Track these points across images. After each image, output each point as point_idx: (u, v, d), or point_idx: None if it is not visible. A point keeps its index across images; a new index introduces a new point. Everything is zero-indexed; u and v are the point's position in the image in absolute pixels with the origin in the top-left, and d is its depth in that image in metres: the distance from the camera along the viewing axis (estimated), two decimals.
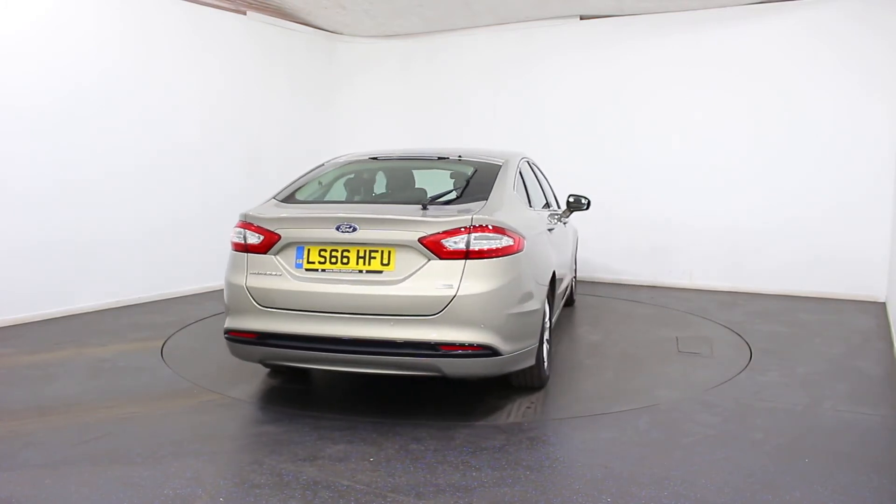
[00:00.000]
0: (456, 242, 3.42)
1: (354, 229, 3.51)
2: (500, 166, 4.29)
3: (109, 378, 4.43)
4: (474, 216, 3.49)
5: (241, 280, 3.72)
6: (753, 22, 7.49)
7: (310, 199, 4.20)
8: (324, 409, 3.85)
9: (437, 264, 3.42)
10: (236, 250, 3.81)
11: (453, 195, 3.92)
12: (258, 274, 3.68)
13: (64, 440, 3.37)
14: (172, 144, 7.07)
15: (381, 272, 3.49)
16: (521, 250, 3.63)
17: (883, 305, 6.91)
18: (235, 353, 3.85)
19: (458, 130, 8.98)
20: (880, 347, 5.27)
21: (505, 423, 3.62)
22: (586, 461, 3.16)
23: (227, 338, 3.80)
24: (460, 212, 3.57)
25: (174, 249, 7.10)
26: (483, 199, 3.79)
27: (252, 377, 4.47)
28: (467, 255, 3.42)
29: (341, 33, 9.18)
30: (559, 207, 5.97)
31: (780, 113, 7.45)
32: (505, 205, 3.85)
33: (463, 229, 3.44)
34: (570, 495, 2.80)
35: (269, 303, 3.61)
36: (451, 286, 3.39)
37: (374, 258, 3.51)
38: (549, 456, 3.20)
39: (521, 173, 4.55)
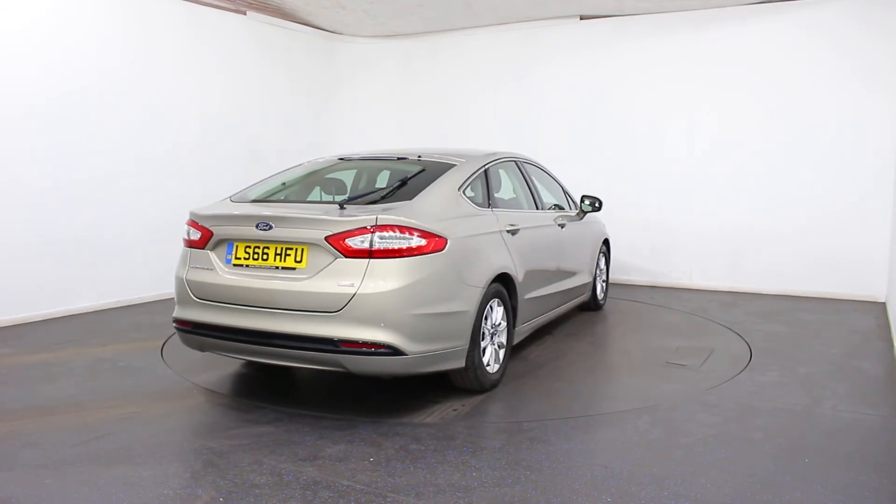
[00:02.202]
0: (360, 242, 3.51)
1: (270, 227, 3.69)
2: (454, 166, 4.35)
3: (109, 378, 4.43)
4: (379, 216, 3.56)
5: (182, 273, 4.00)
6: (754, 22, 7.49)
7: (257, 197, 4.33)
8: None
9: (343, 263, 3.53)
10: (184, 245, 4.10)
11: (376, 195, 4.00)
12: (196, 268, 3.94)
13: (64, 440, 3.37)
14: (173, 144, 7.07)
15: (294, 269, 3.64)
16: (438, 250, 3.65)
17: (883, 305, 6.91)
18: (182, 341, 4.10)
19: (458, 130, 8.98)
20: (880, 347, 5.27)
21: (416, 422, 3.65)
22: (586, 461, 3.16)
23: (174, 326, 4.07)
24: (372, 211, 3.64)
25: (174, 249, 7.02)
26: (408, 199, 3.86)
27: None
28: (371, 254, 3.50)
29: (341, 33, 9.18)
30: (572, 209, 5.94)
31: (781, 113, 7.45)
32: (435, 205, 3.91)
33: (366, 229, 3.52)
34: (570, 495, 2.80)
35: (202, 295, 3.86)
36: (352, 284, 3.48)
37: (289, 255, 3.67)
38: (549, 456, 3.20)
39: (487, 174, 4.57)
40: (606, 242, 6.78)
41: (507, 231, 4.44)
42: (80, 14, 6.17)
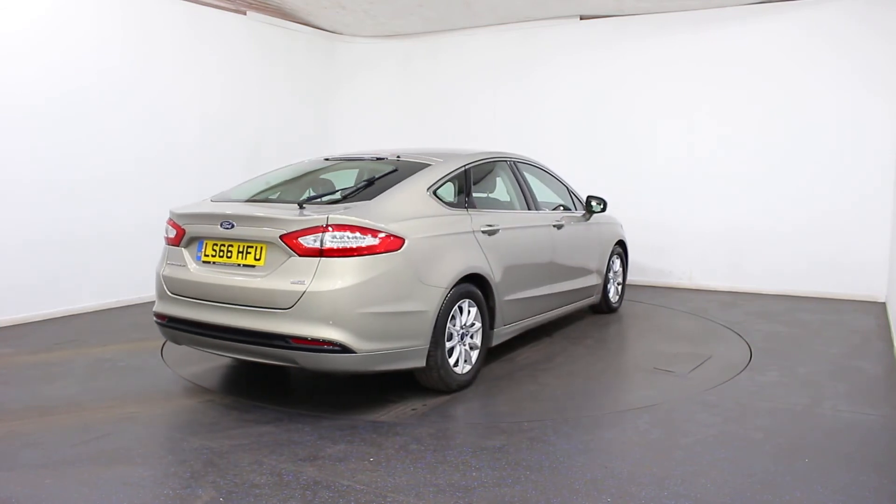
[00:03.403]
0: (313, 241, 3.58)
1: (232, 226, 3.81)
2: (428, 166, 4.38)
3: (109, 378, 4.43)
4: (330, 216, 3.61)
5: (160, 269, 4.18)
6: (754, 22, 7.49)
7: (234, 197, 4.41)
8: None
9: (296, 261, 3.61)
10: (165, 243, 4.26)
11: (339, 195, 4.05)
12: (171, 264, 4.11)
13: (64, 440, 3.37)
14: (172, 144, 7.07)
15: (254, 266, 3.75)
16: (393, 250, 3.68)
17: (883, 305, 6.91)
18: (161, 333, 4.26)
19: (458, 130, 8.97)
20: (880, 347, 5.27)
21: (369, 419, 3.68)
22: (586, 461, 3.16)
23: (154, 319, 4.23)
24: (327, 211, 3.70)
25: None
26: (368, 199, 3.91)
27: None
28: (321, 252, 3.56)
29: (341, 33, 9.18)
30: (578, 209, 5.89)
31: (781, 113, 7.44)
32: (396, 205, 3.94)
33: (318, 228, 3.58)
34: (569, 495, 2.80)
35: (175, 290, 4.02)
36: (303, 282, 3.55)
37: (250, 253, 3.79)
38: (549, 456, 3.20)
39: (467, 174, 4.58)
40: (622, 244, 6.65)
41: (483, 231, 4.40)
42: (79, 14, 6.17)
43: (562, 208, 5.75)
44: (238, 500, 2.74)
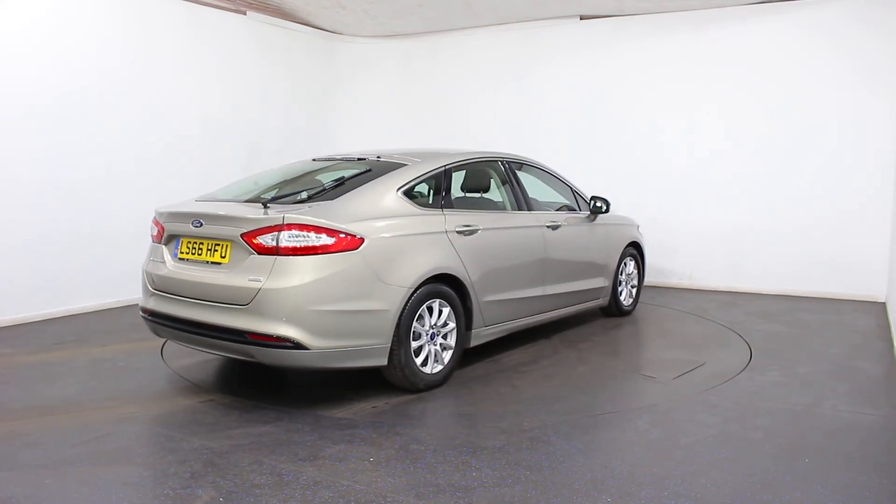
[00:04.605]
0: (270, 239, 3.67)
1: (201, 224, 3.96)
2: (403, 167, 4.42)
3: (109, 378, 4.43)
4: (286, 215, 3.69)
5: (145, 265, 4.35)
6: (754, 22, 7.49)
7: (218, 197, 4.50)
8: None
9: (255, 259, 3.71)
10: (151, 241, 4.41)
11: (304, 195, 4.11)
12: (153, 261, 4.27)
13: (64, 440, 3.37)
14: (172, 144, 7.06)
15: (220, 264, 3.88)
16: (351, 249, 3.74)
17: (883, 305, 6.91)
18: (147, 327, 4.37)
19: (458, 130, 8.97)
20: (880, 347, 5.27)
21: (327, 414, 3.74)
22: (586, 461, 3.16)
23: (140, 314, 4.38)
24: (285, 210, 3.78)
25: None
26: (331, 199, 3.98)
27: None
28: (278, 251, 3.65)
29: (341, 33, 9.18)
30: (582, 209, 5.82)
31: (781, 114, 7.44)
32: (359, 204, 4.00)
33: (274, 227, 3.67)
34: (569, 495, 2.80)
35: (156, 286, 4.17)
36: (259, 280, 3.65)
37: (217, 251, 3.91)
38: (549, 456, 3.20)
39: (446, 174, 4.59)
40: (636, 245, 6.51)
41: (458, 232, 4.38)
42: (80, 14, 6.17)
43: (566, 209, 5.72)
44: (238, 500, 2.74)
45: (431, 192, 4.59)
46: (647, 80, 8.03)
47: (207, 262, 3.94)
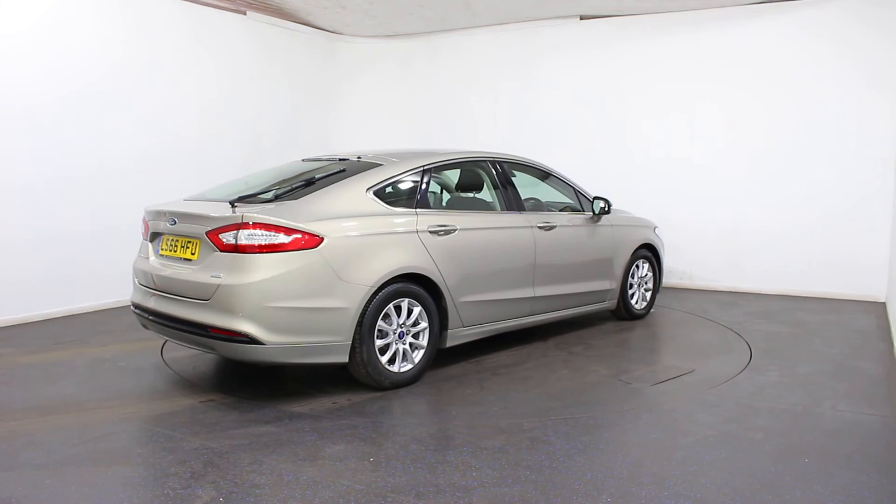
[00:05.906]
0: (231, 237, 3.79)
1: (175, 223, 4.14)
2: (378, 167, 4.46)
3: (109, 378, 4.43)
4: (245, 213, 3.80)
5: (134, 261, 4.55)
6: (754, 22, 7.49)
7: (207, 197, 4.56)
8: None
9: (218, 256, 3.84)
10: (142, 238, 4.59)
11: (271, 194, 4.19)
12: (141, 257, 4.48)
13: (64, 440, 3.37)
14: (172, 144, 7.06)
15: (191, 260, 4.03)
16: (309, 248, 3.81)
17: (883, 305, 6.91)
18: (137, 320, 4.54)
19: (457, 130, 8.97)
20: (880, 347, 5.27)
21: (289, 409, 3.83)
22: (586, 461, 3.16)
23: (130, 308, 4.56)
24: (247, 209, 3.88)
25: None
26: (295, 199, 4.07)
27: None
28: (237, 248, 3.77)
29: (341, 33, 9.17)
30: (586, 210, 5.72)
31: (782, 113, 7.44)
32: (322, 204, 4.06)
33: (233, 225, 3.79)
34: (569, 495, 2.80)
35: (141, 281, 4.37)
36: (220, 276, 3.78)
37: (188, 248, 4.07)
38: (549, 456, 3.20)
39: (425, 174, 4.59)
40: (649, 247, 6.30)
41: (431, 232, 4.37)
42: (80, 14, 6.17)
43: (569, 210, 5.68)
44: (238, 500, 2.74)
45: (405, 192, 4.53)
46: (647, 79, 8.03)
47: (181, 258, 4.10)
